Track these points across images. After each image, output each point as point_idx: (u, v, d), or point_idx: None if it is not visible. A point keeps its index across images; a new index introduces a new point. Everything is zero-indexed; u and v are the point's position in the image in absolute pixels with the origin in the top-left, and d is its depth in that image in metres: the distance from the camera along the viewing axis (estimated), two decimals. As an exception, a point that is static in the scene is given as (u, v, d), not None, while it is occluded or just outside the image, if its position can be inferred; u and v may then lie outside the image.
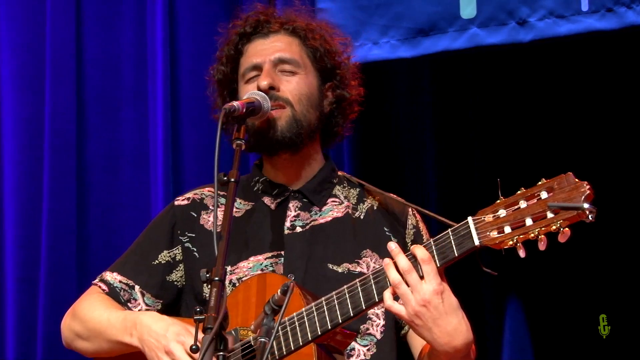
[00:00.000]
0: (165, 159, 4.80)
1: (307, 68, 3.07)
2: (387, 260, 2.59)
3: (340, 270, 2.92)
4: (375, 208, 3.08)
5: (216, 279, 2.41)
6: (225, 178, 2.58)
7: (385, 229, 2.99)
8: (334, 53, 3.11)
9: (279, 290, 2.55)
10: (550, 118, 4.31)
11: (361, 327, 2.90)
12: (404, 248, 2.66)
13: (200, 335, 2.38)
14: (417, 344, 2.91)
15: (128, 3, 5.12)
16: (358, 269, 2.91)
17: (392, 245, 2.60)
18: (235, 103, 2.75)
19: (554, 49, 4.24)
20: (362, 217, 3.04)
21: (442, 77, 4.55)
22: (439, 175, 4.43)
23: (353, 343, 2.88)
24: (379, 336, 2.92)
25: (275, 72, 3.03)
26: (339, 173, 3.14)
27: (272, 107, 2.92)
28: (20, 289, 4.92)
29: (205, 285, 2.90)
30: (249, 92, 2.96)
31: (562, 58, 4.29)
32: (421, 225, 3.02)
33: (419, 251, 2.54)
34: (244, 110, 2.76)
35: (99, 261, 4.70)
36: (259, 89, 2.94)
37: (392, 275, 2.56)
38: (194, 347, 2.43)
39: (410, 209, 3.03)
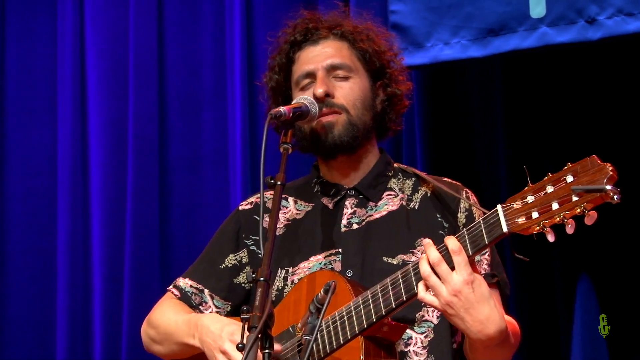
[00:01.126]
0: (243, 159, 4.86)
1: (359, 71, 3.09)
2: (421, 254, 2.67)
3: (395, 262, 2.93)
4: (428, 196, 3.07)
5: (261, 279, 2.46)
6: (272, 181, 2.63)
7: (438, 215, 2.99)
8: (381, 52, 3.13)
9: (322, 290, 2.62)
10: (615, 114, 4.28)
11: (417, 315, 2.91)
12: (457, 232, 2.65)
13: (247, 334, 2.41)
14: None
15: (207, 9, 5.19)
16: (413, 259, 2.92)
17: (426, 240, 2.62)
18: (282, 108, 2.80)
19: (623, 47, 4.16)
20: (416, 207, 3.05)
21: (514, 76, 4.51)
22: (509, 171, 4.39)
23: (410, 332, 2.89)
24: (435, 321, 2.93)
25: (329, 78, 3.03)
26: (395, 165, 3.16)
27: (327, 113, 2.97)
28: (106, 287, 5.07)
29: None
30: (297, 98, 2.96)
31: (630, 56, 4.22)
32: (474, 209, 2.99)
33: (450, 242, 2.56)
34: (291, 115, 2.79)
35: (181, 260, 4.80)
36: (314, 97, 2.95)
37: (423, 267, 2.58)
38: (240, 345, 2.45)
39: (464, 192, 3.02)
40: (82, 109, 5.26)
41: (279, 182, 2.64)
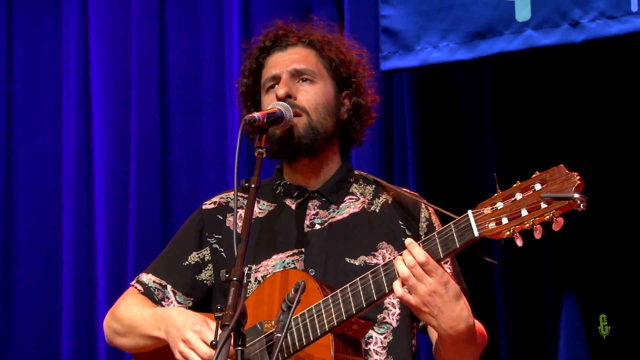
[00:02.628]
0: (242, 160, 4.76)
1: (324, 77, 3.10)
2: (398, 256, 2.63)
3: (357, 263, 2.94)
4: (390, 202, 3.08)
5: (234, 279, 2.48)
6: (247, 184, 2.67)
7: (400, 222, 3.01)
8: (349, 63, 3.14)
9: (292, 289, 2.64)
10: (605, 115, 4.29)
11: (378, 316, 2.92)
12: (419, 239, 2.68)
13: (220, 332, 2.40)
14: (433, 334, 2.90)
15: (207, 15, 5.24)
16: (374, 261, 2.93)
17: (408, 241, 2.63)
18: (256, 114, 2.81)
19: (606, 49, 4.19)
20: (377, 210, 3.07)
21: (502, 77, 4.53)
22: (499, 171, 4.32)
23: (371, 331, 2.89)
24: (395, 324, 2.94)
25: (294, 82, 3.05)
26: (356, 172, 3.18)
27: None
28: (110, 284, 5.10)
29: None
30: (272, 102, 2.98)
31: (613, 57, 4.26)
32: (434, 218, 3.03)
33: (418, 252, 2.58)
34: (265, 120, 2.81)
35: None
36: (277, 97, 2.98)
37: (401, 268, 2.59)
38: (214, 342, 2.45)
39: (422, 204, 3.04)
40: (86, 112, 5.30)
41: (252, 185, 2.67)
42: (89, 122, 5.31)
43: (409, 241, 2.63)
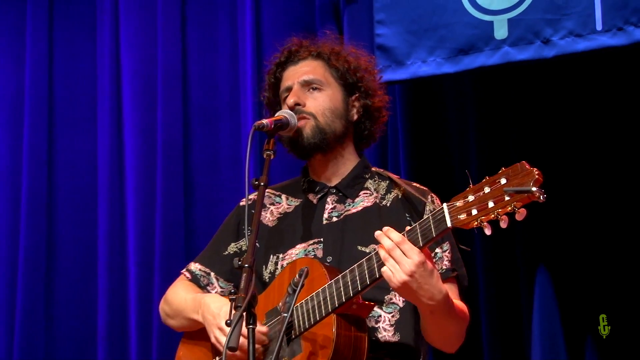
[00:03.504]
0: (254, 162, 4.76)
1: (331, 85, 3.08)
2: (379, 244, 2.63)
3: (368, 250, 2.89)
4: (399, 197, 3.03)
5: (245, 265, 2.51)
6: (257, 182, 2.71)
7: (407, 214, 2.97)
8: (356, 69, 3.12)
9: (297, 274, 2.67)
10: (573, 123, 4.29)
11: (385, 297, 2.90)
12: None
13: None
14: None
15: (224, 34, 5.21)
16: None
17: (377, 232, 2.62)
18: (264, 121, 2.83)
19: (574, 64, 4.19)
20: (388, 205, 3.03)
21: (482, 88, 4.53)
22: (481, 169, 4.35)
23: (379, 310, 2.88)
24: (401, 304, 2.91)
25: (304, 91, 3.04)
26: (373, 169, 3.15)
27: (298, 119, 2.97)
28: (140, 272, 5.11)
29: (264, 269, 3.02)
30: (282, 110, 3.00)
31: (581, 71, 4.26)
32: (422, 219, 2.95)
33: (392, 235, 2.59)
34: (272, 126, 2.83)
35: (203, 248, 4.57)
36: (287, 106, 3.00)
37: (382, 253, 2.60)
38: (227, 322, 2.51)
39: (430, 197, 3.00)
40: (118, 119, 5.29)
41: (262, 184, 2.71)
42: (121, 128, 5.30)
43: (386, 228, 2.63)
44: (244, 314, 2.45)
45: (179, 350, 3.17)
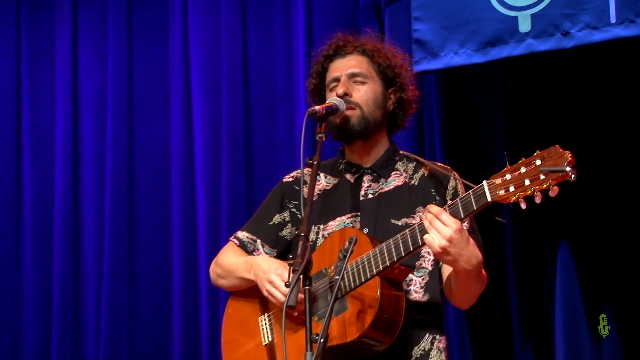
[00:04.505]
0: (304, 147, 4.86)
1: (374, 78, 3.05)
2: (423, 214, 2.65)
3: (400, 223, 2.91)
4: (425, 176, 3.02)
5: (302, 234, 2.53)
6: (310, 161, 2.70)
7: (432, 190, 2.96)
8: (394, 66, 3.09)
9: (347, 242, 2.65)
10: (592, 109, 4.25)
11: (416, 263, 2.91)
12: (445, 204, 2.69)
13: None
14: (444, 273, 2.91)
15: (279, 34, 5.18)
16: (413, 221, 2.90)
17: (432, 208, 2.62)
18: (317, 107, 2.84)
19: (591, 54, 4.15)
20: (416, 183, 3.02)
21: (508, 77, 4.49)
22: (506, 149, 4.19)
23: (411, 275, 2.88)
24: (430, 268, 2.92)
25: (350, 82, 3.01)
26: (401, 152, 3.12)
27: (346, 108, 2.95)
28: (209, 240, 5.11)
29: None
30: (329, 99, 2.99)
31: (598, 61, 4.23)
32: (459, 187, 2.97)
33: (433, 209, 2.59)
34: (324, 112, 2.82)
35: None
36: (337, 95, 2.97)
37: (425, 223, 2.61)
38: (287, 283, 2.58)
39: (452, 175, 2.99)
40: (188, 109, 5.30)
41: (315, 162, 2.70)
42: (191, 117, 5.31)
43: (429, 205, 2.64)
44: (301, 276, 2.47)
45: (228, 307, 3.18)
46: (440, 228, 2.57)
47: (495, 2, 4.19)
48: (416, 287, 2.90)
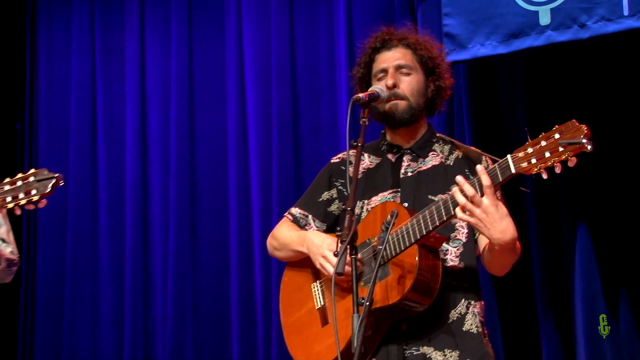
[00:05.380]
0: (349, 130, 4.82)
1: (417, 69, 3.02)
2: (454, 188, 2.61)
3: (436, 198, 2.88)
4: (460, 157, 2.99)
5: (348, 209, 2.51)
6: (355, 143, 2.67)
7: (466, 170, 2.92)
8: (433, 58, 3.06)
9: (389, 215, 2.67)
10: (607, 94, 4.20)
11: (451, 234, 2.88)
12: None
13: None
14: (482, 243, 2.86)
15: (323, 28, 5.15)
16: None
17: (459, 178, 2.61)
18: (360, 94, 2.81)
19: (606, 45, 4.11)
20: (451, 163, 3.00)
21: (529, 65, 4.46)
22: (527, 126, 4.33)
23: (446, 245, 2.86)
24: (464, 239, 2.89)
25: (397, 74, 2.98)
26: (437, 135, 3.11)
27: (394, 99, 2.94)
28: (261, 215, 5.12)
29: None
30: (374, 86, 2.96)
31: (613, 52, 4.19)
32: (491, 166, 2.88)
33: (484, 178, 2.55)
34: (367, 98, 2.80)
35: None
36: (386, 86, 2.93)
37: (460, 198, 2.58)
38: (335, 252, 2.57)
39: (483, 157, 2.93)
40: (242, 98, 5.30)
41: (359, 144, 2.68)
42: (244, 104, 5.30)
43: (459, 178, 2.60)
44: (348, 246, 2.47)
45: (284, 276, 3.18)
46: (479, 201, 2.56)
47: None
48: (452, 256, 2.88)
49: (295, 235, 3.09)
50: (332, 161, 3.21)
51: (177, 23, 5.49)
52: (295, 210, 3.19)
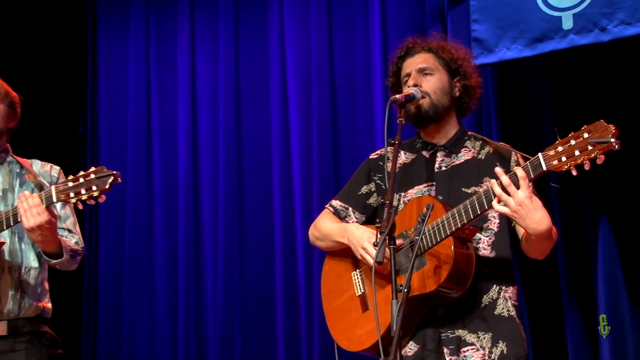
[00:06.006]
0: (383, 128, 4.81)
1: (440, 70, 3.02)
2: (492, 180, 2.60)
3: (469, 191, 2.88)
4: (491, 152, 2.99)
5: (387, 202, 2.54)
6: (392, 141, 2.70)
7: (497, 164, 2.88)
8: (457, 59, 3.05)
9: (425, 208, 2.65)
10: (625, 96, 4.16)
11: (484, 225, 2.88)
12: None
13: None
14: (520, 230, 2.85)
15: (359, 34, 5.13)
16: (480, 190, 2.81)
17: (498, 169, 2.60)
18: (397, 95, 2.84)
19: (625, 47, 4.06)
20: (482, 158, 2.98)
21: (552, 67, 4.43)
22: (552, 131, 4.28)
23: (479, 235, 2.85)
24: (496, 229, 2.89)
25: (420, 76, 2.99)
26: (469, 132, 3.10)
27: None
28: (303, 208, 5.09)
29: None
30: (407, 88, 2.97)
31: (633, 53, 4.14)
32: (521, 161, 2.91)
33: (519, 171, 2.54)
34: (403, 99, 2.83)
35: None
36: (408, 86, 2.97)
37: (497, 189, 2.57)
38: (375, 243, 2.56)
39: (513, 152, 2.94)
40: (285, 99, 5.30)
41: (396, 142, 2.70)
42: (287, 105, 5.31)
43: (499, 169, 2.60)
44: (387, 237, 2.49)
45: (325, 264, 3.17)
46: (514, 193, 2.55)
47: (541, 4, 4.13)
48: (484, 245, 2.88)
49: (336, 227, 3.08)
50: (370, 157, 3.20)
51: (224, 32, 5.51)
52: (336, 203, 3.19)
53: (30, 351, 3.24)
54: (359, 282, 3.00)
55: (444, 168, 2.99)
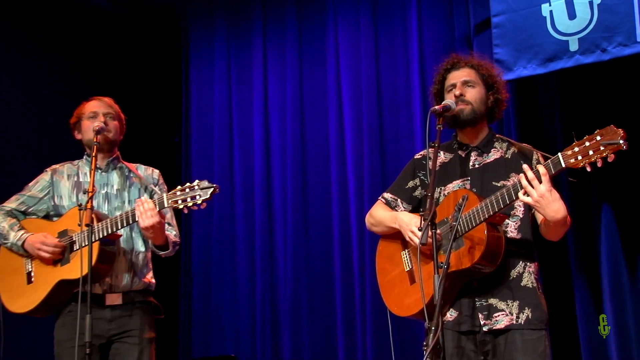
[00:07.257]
0: (422, 136, 4.69)
1: (479, 84, 3.00)
2: (520, 174, 2.59)
3: (498, 184, 2.85)
4: (516, 152, 2.96)
5: (429, 194, 2.54)
6: (433, 144, 2.66)
7: (521, 161, 2.86)
8: (492, 76, 3.04)
9: (460, 199, 2.68)
10: (626, 106, 4.16)
11: (511, 212, 2.85)
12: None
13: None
14: (539, 217, 2.81)
15: (400, 55, 5.11)
16: (508, 183, 2.84)
17: (525, 166, 2.59)
18: (436, 107, 2.79)
19: (623, 65, 4.06)
20: (509, 157, 2.95)
21: (563, 83, 4.43)
22: (563, 135, 4.30)
23: (507, 220, 2.82)
24: (521, 215, 2.86)
25: (464, 87, 2.96)
26: (497, 135, 3.06)
27: (460, 104, 2.92)
28: (356, 201, 5.07)
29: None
30: (446, 99, 2.95)
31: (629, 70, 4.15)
32: (541, 160, 2.84)
33: (541, 168, 2.54)
34: (441, 109, 2.78)
35: None
36: (454, 95, 2.93)
37: (523, 182, 2.56)
38: (420, 228, 2.61)
39: (534, 151, 2.89)
40: (340, 112, 5.29)
41: (436, 144, 2.66)
42: (342, 118, 5.32)
43: (525, 166, 2.61)
44: (430, 224, 2.50)
45: (379, 245, 3.14)
46: (537, 185, 2.55)
47: (552, 30, 4.17)
48: (511, 229, 2.85)
49: (388, 215, 3.06)
50: (415, 157, 3.17)
51: (290, 59, 5.52)
52: (387, 195, 3.17)
53: (141, 316, 3.35)
54: (407, 260, 3.00)
55: (477, 165, 2.96)
